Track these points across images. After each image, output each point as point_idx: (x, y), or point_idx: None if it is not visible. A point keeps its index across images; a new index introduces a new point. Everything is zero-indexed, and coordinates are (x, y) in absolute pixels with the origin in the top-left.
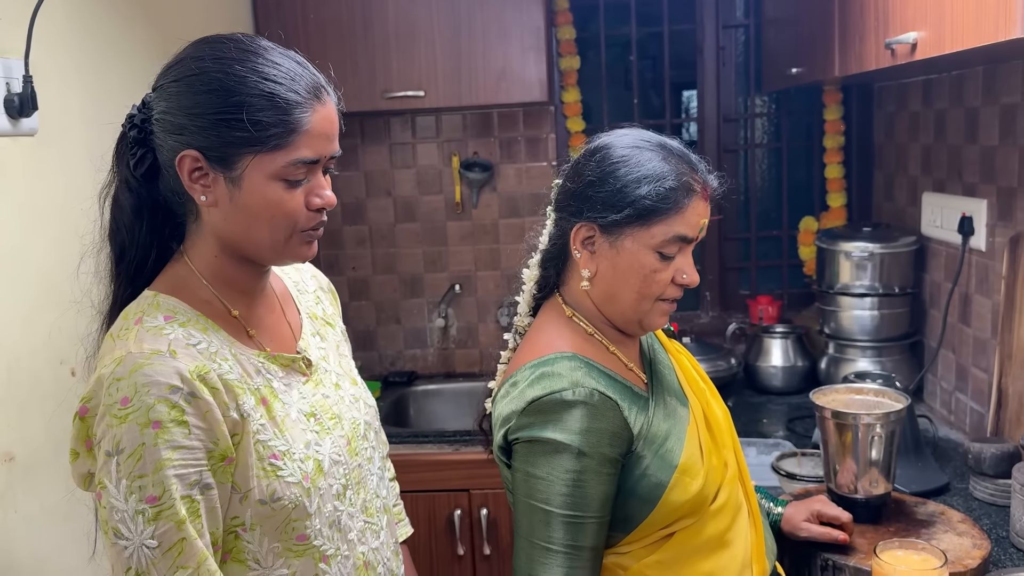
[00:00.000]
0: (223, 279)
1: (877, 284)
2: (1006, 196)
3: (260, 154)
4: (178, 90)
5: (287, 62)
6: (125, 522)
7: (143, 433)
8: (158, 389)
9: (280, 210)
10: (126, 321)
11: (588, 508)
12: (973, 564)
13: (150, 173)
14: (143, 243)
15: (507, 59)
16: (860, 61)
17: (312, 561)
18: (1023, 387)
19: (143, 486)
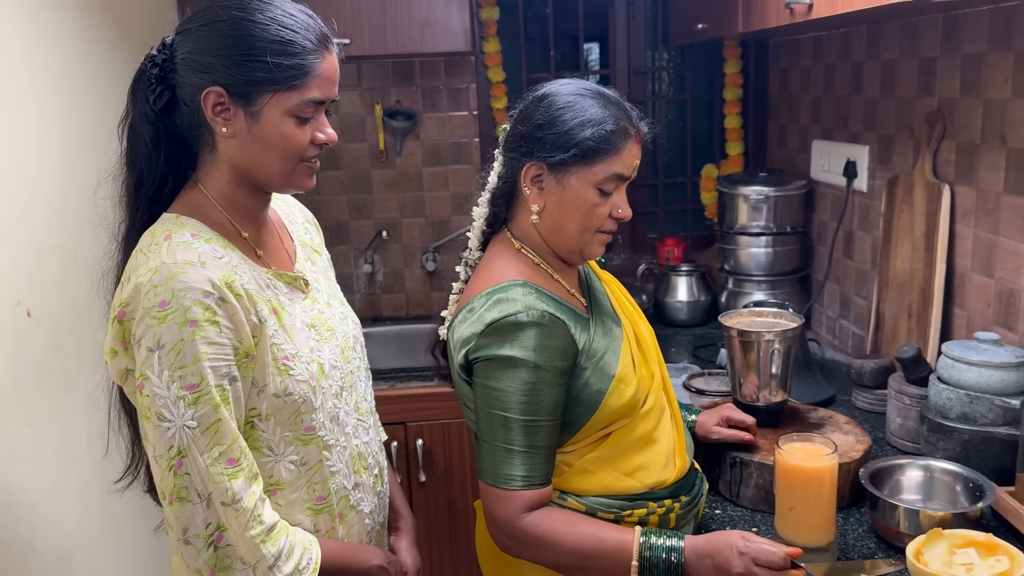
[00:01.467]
0: (234, 205)
1: (771, 224)
2: (885, 143)
3: (278, 93)
4: (207, 33)
5: (301, 14)
6: (168, 407)
7: (182, 331)
8: (193, 293)
9: (291, 142)
10: (154, 239)
11: (543, 413)
12: (856, 455)
13: (168, 108)
14: (160, 171)
15: (431, 8)
16: (762, 18)
17: (317, 449)
18: (897, 310)
19: (183, 375)
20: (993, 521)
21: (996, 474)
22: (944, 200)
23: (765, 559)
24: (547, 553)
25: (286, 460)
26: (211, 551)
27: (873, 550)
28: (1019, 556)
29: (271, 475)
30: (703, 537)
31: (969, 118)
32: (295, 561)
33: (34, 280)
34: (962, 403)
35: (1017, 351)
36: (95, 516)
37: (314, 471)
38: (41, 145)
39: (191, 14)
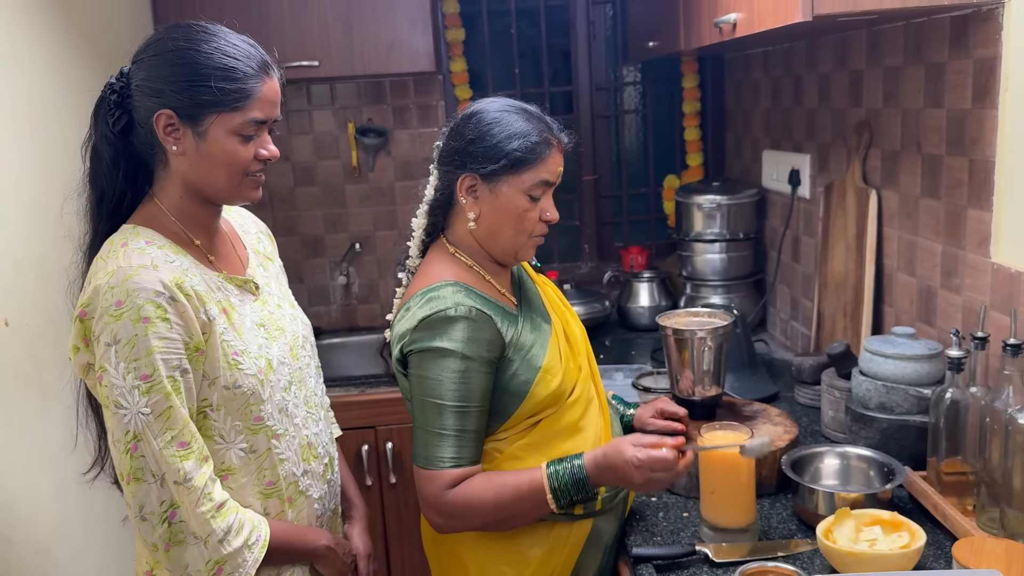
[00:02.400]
0: (187, 216)
1: (725, 231)
2: (824, 151)
3: (222, 114)
4: (157, 62)
5: (242, 44)
6: (124, 395)
7: (135, 327)
8: (145, 293)
9: (236, 159)
10: (112, 246)
11: (472, 399)
12: (782, 444)
13: (125, 130)
14: (120, 187)
15: (396, 31)
16: (699, 37)
17: (265, 437)
18: (835, 309)
19: (137, 367)
20: (910, 504)
21: (913, 460)
22: (872, 204)
23: (660, 465)
24: (475, 517)
25: (236, 447)
26: (165, 526)
27: (794, 532)
28: (919, 531)
29: (223, 461)
30: (600, 449)
31: (891, 126)
32: (244, 536)
33: (11, 291)
34: (880, 394)
35: (930, 344)
36: (72, 512)
37: (263, 458)
38: (15, 163)
39: (144, 44)
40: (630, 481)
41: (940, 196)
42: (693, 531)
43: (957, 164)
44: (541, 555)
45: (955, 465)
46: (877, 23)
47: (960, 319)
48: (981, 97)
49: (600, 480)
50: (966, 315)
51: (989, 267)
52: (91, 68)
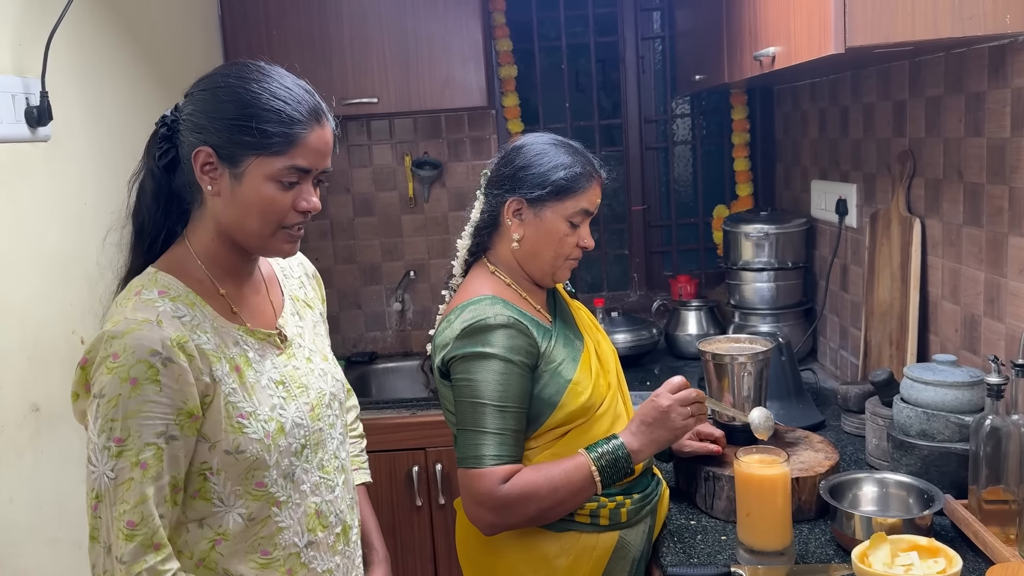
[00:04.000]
0: (216, 261)
1: (773, 260)
2: (870, 181)
3: (261, 157)
4: (205, 97)
5: (296, 87)
6: (96, 452)
7: (121, 386)
8: (141, 352)
9: (272, 207)
10: (128, 293)
11: (512, 400)
12: (822, 470)
13: (171, 165)
14: (158, 224)
15: (450, 69)
16: (741, 70)
17: (266, 504)
18: (881, 337)
19: (112, 428)
20: (952, 532)
21: (955, 488)
22: (915, 233)
23: (678, 385)
24: (531, 505)
25: (235, 512)
26: None
27: (831, 556)
28: (955, 557)
29: (220, 524)
30: (631, 422)
31: (933, 156)
32: None
33: (87, 311)
34: (921, 421)
35: (971, 371)
36: None
37: (261, 526)
38: (96, 196)
39: (198, 80)
40: (673, 424)
41: (982, 224)
42: (730, 554)
43: (997, 192)
44: (568, 564)
45: (997, 493)
46: (918, 54)
47: (1003, 346)
48: (1019, 125)
49: (643, 444)
50: (1009, 342)
51: None
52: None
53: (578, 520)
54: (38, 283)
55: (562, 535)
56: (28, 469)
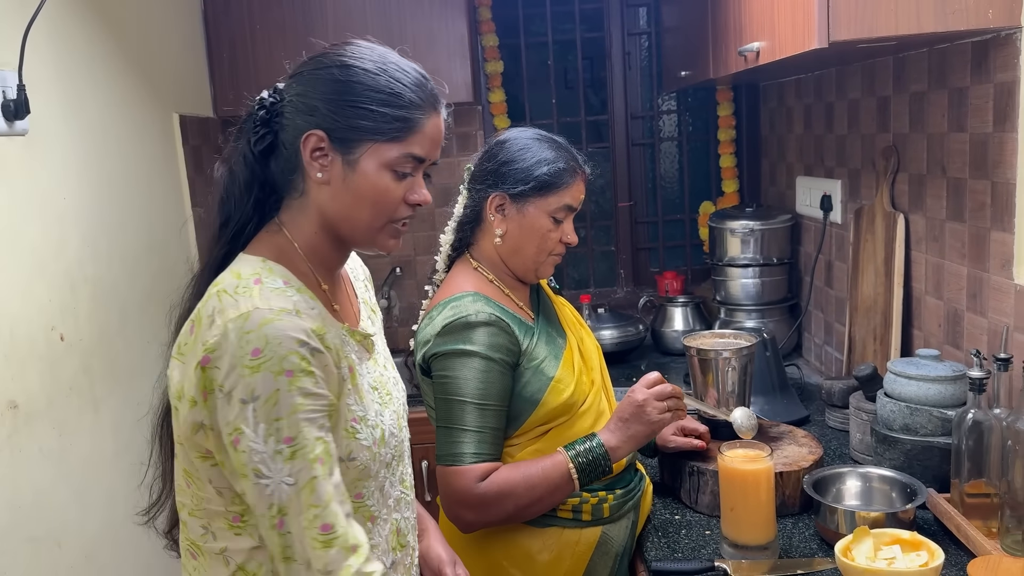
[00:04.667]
0: (317, 254)
1: (759, 256)
2: (854, 177)
3: (378, 143)
4: (316, 77)
5: (413, 71)
6: (265, 462)
7: (277, 380)
8: (289, 342)
9: (384, 197)
10: (241, 280)
11: (492, 398)
12: (806, 464)
13: (266, 151)
14: (247, 213)
15: (436, 64)
16: (726, 65)
17: (363, 519)
18: (865, 332)
19: (280, 428)
20: (935, 526)
21: (938, 482)
22: (899, 228)
23: (654, 379)
24: (508, 503)
25: None
26: None
27: (815, 550)
28: (938, 551)
29: None
30: (610, 421)
31: (917, 151)
32: None
33: (67, 308)
34: (904, 415)
35: (954, 366)
36: (120, 520)
37: None
38: (75, 191)
39: (306, 59)
40: (649, 419)
41: (965, 219)
42: (714, 548)
43: (980, 187)
44: (550, 559)
45: (979, 487)
46: (901, 49)
47: (986, 341)
48: (1002, 121)
49: (621, 441)
50: (991, 337)
51: (1012, 289)
52: (145, 102)
53: (560, 516)
54: (16, 279)
55: (544, 531)
56: (5, 467)
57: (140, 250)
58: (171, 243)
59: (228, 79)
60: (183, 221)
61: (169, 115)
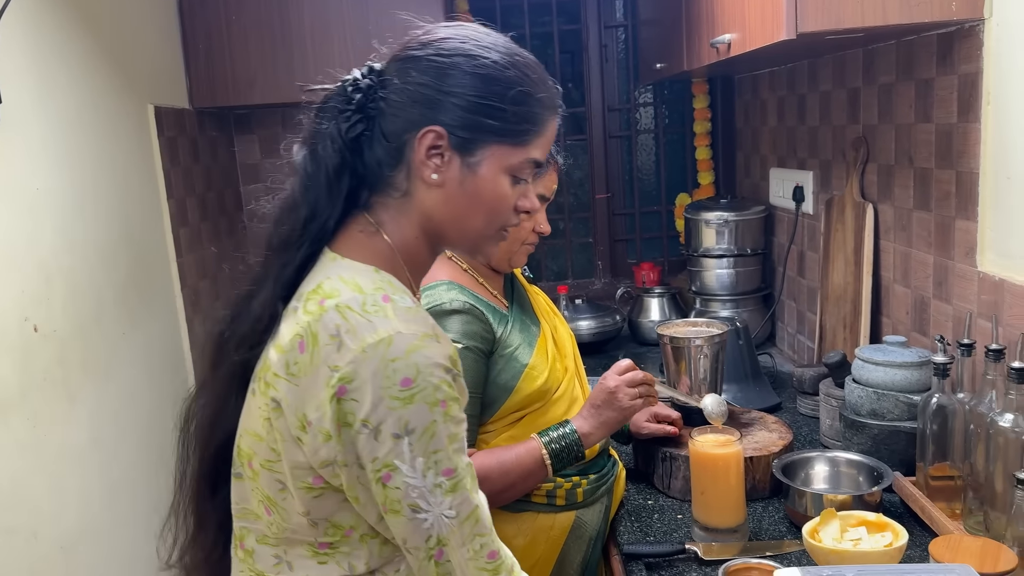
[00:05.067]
0: (413, 261)
1: (733, 247)
2: (825, 168)
3: (503, 146)
4: (438, 66)
5: (539, 68)
6: (424, 497)
7: (432, 411)
8: (438, 370)
9: (502, 204)
10: (365, 295)
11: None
12: (776, 449)
13: (358, 139)
14: (337, 207)
15: None
16: (699, 57)
17: None
18: (836, 321)
19: (439, 461)
20: (901, 508)
21: (904, 465)
22: (868, 218)
23: (626, 367)
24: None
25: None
26: None
27: (784, 533)
28: (902, 531)
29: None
30: (583, 407)
31: (885, 142)
32: None
33: (41, 299)
34: (871, 400)
35: (920, 351)
36: (96, 512)
37: None
38: (48, 181)
39: (419, 41)
40: (621, 405)
41: (931, 208)
42: (686, 532)
43: (945, 177)
44: (525, 544)
45: (943, 469)
46: (870, 42)
47: (951, 327)
48: (966, 111)
49: (594, 427)
50: (956, 324)
51: (975, 276)
52: (120, 92)
53: (535, 501)
54: None
55: (519, 516)
56: None
57: (116, 241)
58: (147, 234)
59: (204, 70)
60: (159, 212)
61: (144, 106)
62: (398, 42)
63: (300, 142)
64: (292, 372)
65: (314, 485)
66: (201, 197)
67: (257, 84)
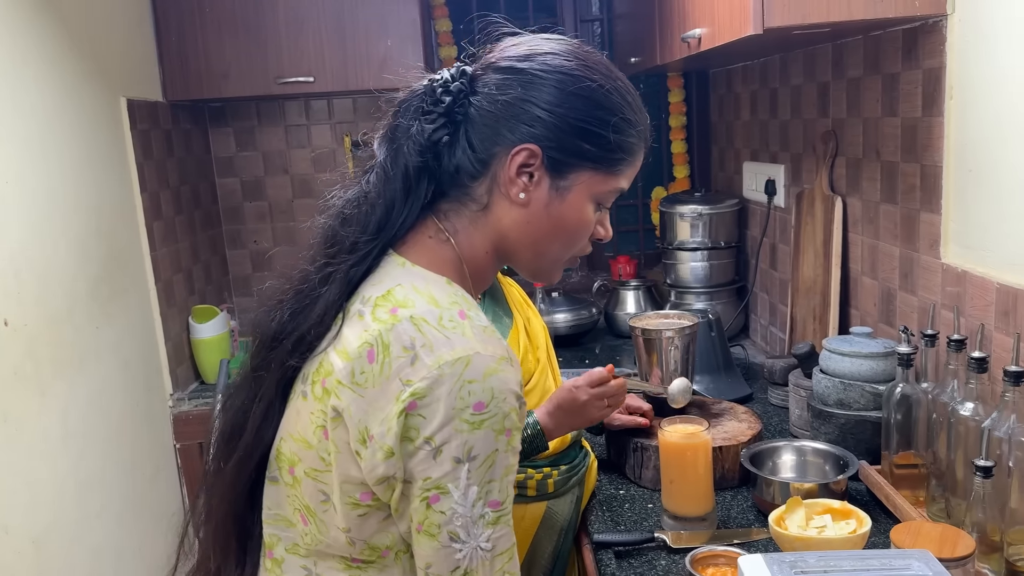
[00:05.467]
0: (478, 276)
1: (707, 240)
2: (796, 161)
3: (596, 173)
4: (546, 81)
5: (637, 96)
6: (467, 527)
7: (498, 440)
8: (511, 397)
9: (583, 230)
10: (442, 310)
11: None
12: (744, 439)
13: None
14: (414, 211)
15: (388, 49)
16: (671, 52)
17: None
18: (806, 312)
19: (491, 491)
20: (867, 496)
21: (870, 454)
22: (837, 211)
23: (597, 378)
24: None
25: None
26: None
27: (752, 521)
28: (866, 518)
29: None
30: (550, 402)
31: (854, 135)
32: None
33: (10, 293)
34: (838, 390)
35: (885, 342)
36: (68, 506)
37: None
38: (19, 175)
39: (520, 52)
40: (578, 404)
41: (897, 201)
42: (656, 520)
43: (911, 170)
44: None
45: (908, 458)
46: (838, 36)
47: (916, 318)
48: (930, 105)
49: (555, 424)
50: (921, 315)
51: (939, 268)
52: (91, 85)
53: None
54: None
55: None
56: None
57: (88, 235)
58: (120, 228)
59: (177, 63)
60: (132, 206)
61: (116, 99)
62: (493, 47)
63: (381, 137)
64: (358, 382)
65: (361, 501)
66: (175, 190)
67: (231, 76)
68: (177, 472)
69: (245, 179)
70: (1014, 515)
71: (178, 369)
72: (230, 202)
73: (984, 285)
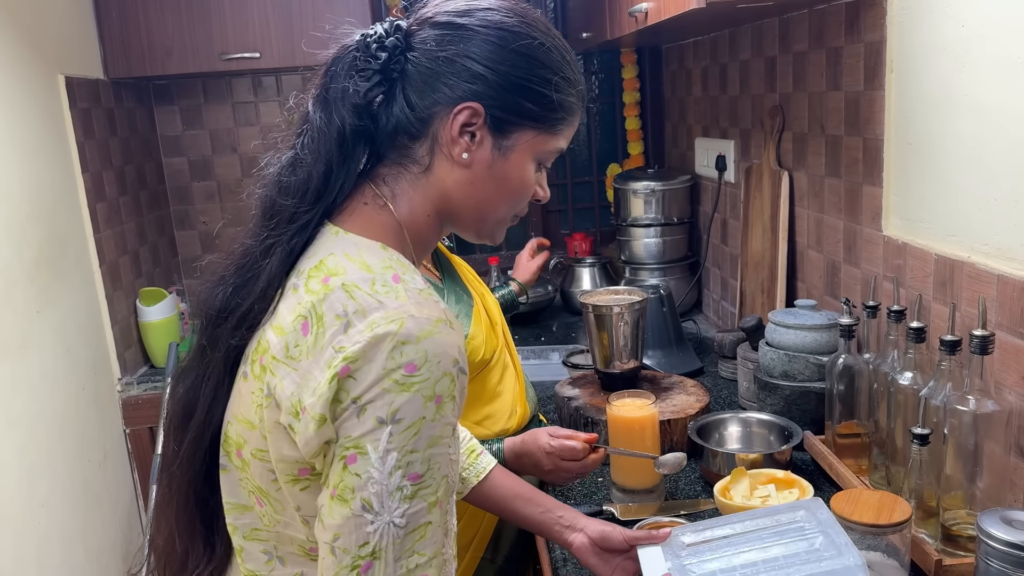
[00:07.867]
0: (420, 241)
1: (660, 216)
2: (745, 137)
3: (538, 132)
4: (485, 36)
5: (573, 53)
6: (381, 496)
7: (425, 406)
8: (447, 361)
9: (525, 190)
10: (374, 274)
11: None
12: (692, 412)
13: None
14: (352, 175)
15: (335, 23)
16: (620, 27)
17: None
18: (754, 287)
19: (411, 462)
20: (812, 466)
21: (815, 424)
22: (783, 185)
23: (568, 454)
24: None
25: None
26: None
27: (699, 492)
28: (808, 488)
29: None
30: (519, 438)
31: (800, 110)
32: None
33: None
34: (783, 362)
35: (829, 314)
36: (13, 495)
37: None
38: None
39: (458, 8)
40: (540, 467)
41: (841, 175)
42: (605, 494)
43: (853, 144)
44: (462, 524)
45: (851, 427)
46: (785, 11)
47: (859, 290)
48: (871, 79)
49: (516, 465)
50: (864, 287)
51: (881, 240)
52: (26, 62)
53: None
54: None
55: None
56: None
57: (26, 217)
58: (60, 210)
59: (119, 39)
60: (73, 187)
61: (54, 76)
62: (427, 2)
63: (314, 98)
64: (292, 355)
65: (300, 476)
66: (119, 170)
67: (175, 53)
68: (127, 457)
69: (192, 158)
70: (949, 481)
71: (126, 353)
72: (177, 182)
73: (923, 256)
